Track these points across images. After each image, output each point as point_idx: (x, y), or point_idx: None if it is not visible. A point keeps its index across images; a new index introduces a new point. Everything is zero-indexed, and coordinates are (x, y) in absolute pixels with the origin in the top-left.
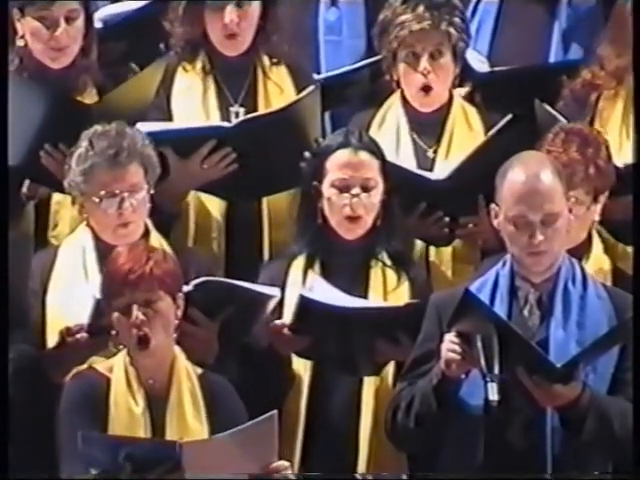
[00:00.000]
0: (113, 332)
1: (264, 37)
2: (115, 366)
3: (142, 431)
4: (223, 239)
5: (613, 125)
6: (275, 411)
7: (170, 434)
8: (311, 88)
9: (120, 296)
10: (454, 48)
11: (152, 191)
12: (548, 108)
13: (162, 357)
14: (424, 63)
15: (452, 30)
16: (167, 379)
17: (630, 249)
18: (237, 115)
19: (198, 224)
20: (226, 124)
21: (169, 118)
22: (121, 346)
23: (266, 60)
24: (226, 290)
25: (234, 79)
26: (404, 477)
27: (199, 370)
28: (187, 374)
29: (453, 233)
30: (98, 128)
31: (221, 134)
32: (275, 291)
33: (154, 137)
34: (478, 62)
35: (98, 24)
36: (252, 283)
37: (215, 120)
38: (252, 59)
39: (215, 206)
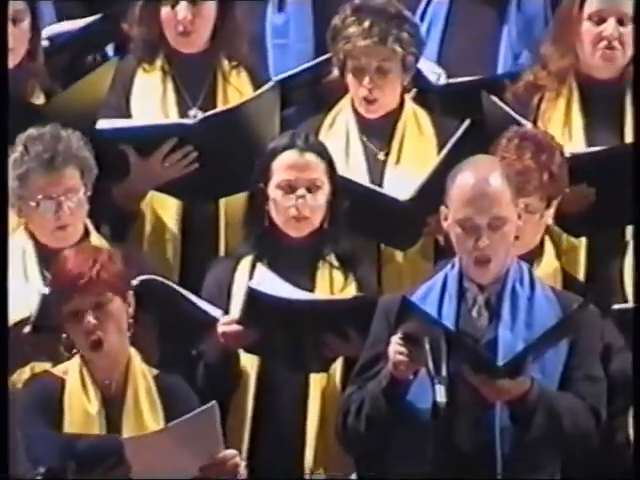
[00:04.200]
0: (64, 336)
1: (223, 39)
2: (70, 368)
3: (97, 431)
4: (179, 241)
5: (555, 126)
6: (214, 402)
7: (127, 434)
8: (270, 84)
9: (70, 301)
10: (402, 61)
11: (89, 192)
12: (496, 100)
13: (117, 357)
14: (367, 79)
15: (398, 47)
16: (123, 379)
17: (579, 241)
18: (195, 118)
19: (153, 226)
20: (188, 121)
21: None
22: (74, 350)
23: (225, 63)
24: (170, 295)
25: (193, 81)
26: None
27: (155, 371)
28: (143, 374)
29: (419, 234)
30: (33, 132)
31: (183, 132)
32: (218, 313)
33: (115, 134)
34: (432, 73)
35: (44, 42)
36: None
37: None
38: (211, 61)
39: (171, 207)
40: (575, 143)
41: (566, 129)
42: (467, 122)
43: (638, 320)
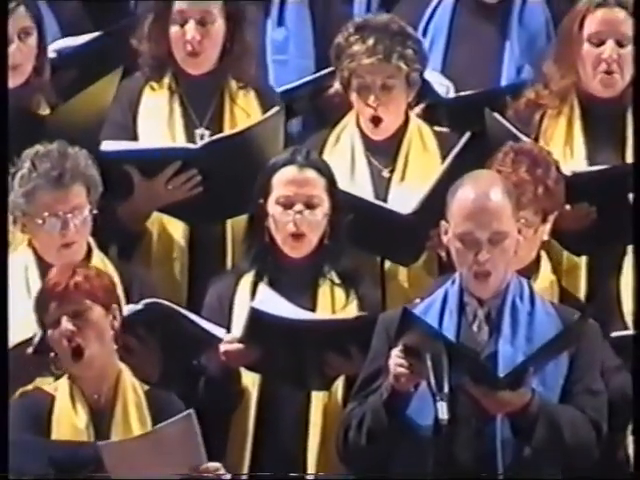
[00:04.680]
0: (52, 354)
1: (231, 60)
2: (60, 385)
3: None
4: (186, 259)
5: (556, 144)
6: (191, 410)
7: None
8: (275, 109)
9: (49, 311)
10: (407, 77)
11: (95, 210)
12: (498, 117)
13: (104, 370)
14: (372, 97)
15: (402, 64)
16: (112, 393)
17: (579, 259)
18: (202, 137)
19: (161, 243)
20: (192, 145)
21: (134, 138)
22: (63, 368)
23: (233, 84)
24: (173, 316)
25: (200, 101)
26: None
27: (146, 386)
28: (133, 389)
29: (423, 248)
30: (40, 149)
31: (187, 155)
32: (220, 332)
33: (119, 155)
34: (441, 85)
35: (52, 54)
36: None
37: (180, 141)
38: (219, 81)
39: (179, 225)
40: (576, 161)
41: (567, 147)
42: (468, 134)
43: (638, 345)
